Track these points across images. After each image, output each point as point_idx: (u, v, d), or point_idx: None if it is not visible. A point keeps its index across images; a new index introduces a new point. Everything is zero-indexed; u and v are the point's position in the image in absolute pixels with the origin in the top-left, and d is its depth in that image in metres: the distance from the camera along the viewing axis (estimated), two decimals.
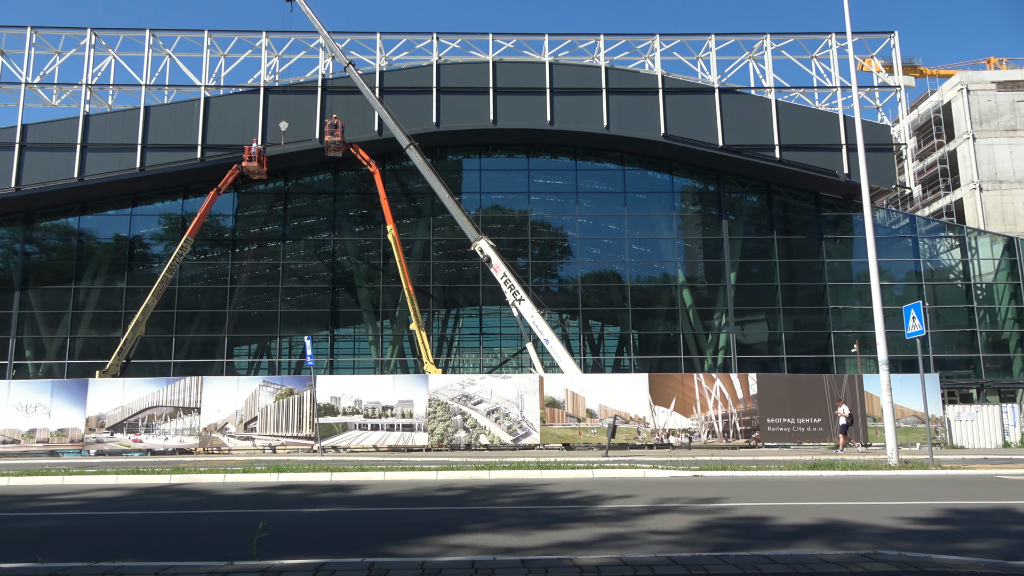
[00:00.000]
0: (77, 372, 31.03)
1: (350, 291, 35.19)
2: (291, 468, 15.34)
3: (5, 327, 32.42)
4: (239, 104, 33.08)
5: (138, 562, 6.16)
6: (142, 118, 31.95)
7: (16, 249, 33.68)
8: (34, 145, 31.62)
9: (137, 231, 34.29)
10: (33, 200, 32.28)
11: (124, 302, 32.67)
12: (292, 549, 7.12)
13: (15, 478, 14.64)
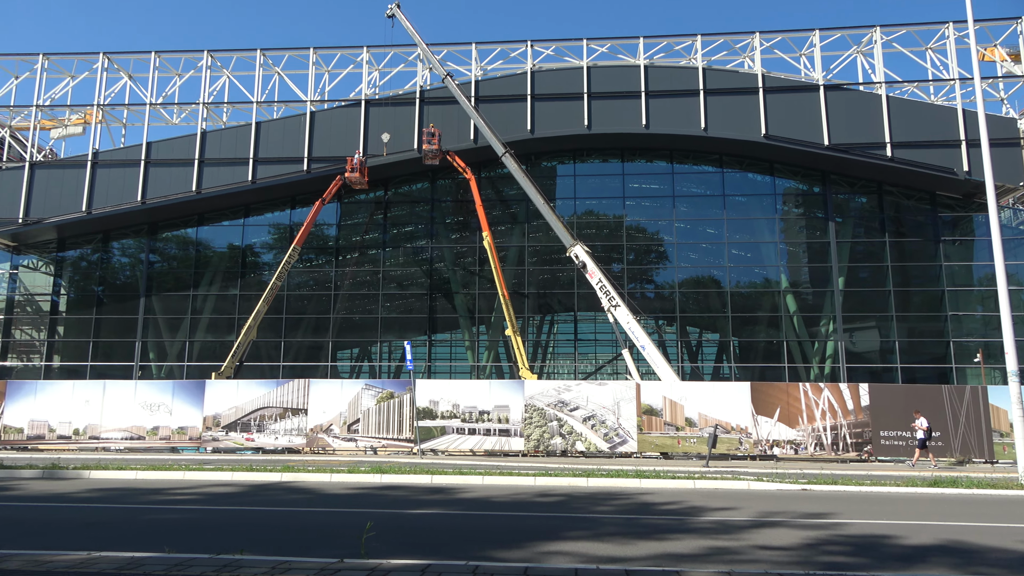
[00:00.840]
0: (195, 373, 32.99)
1: (447, 297, 35.84)
2: (392, 470, 15.73)
3: (132, 331, 34.89)
4: (342, 117, 34.36)
5: (254, 555, 6.47)
6: (253, 133, 33.71)
7: (141, 258, 36.19)
8: (157, 161, 33.92)
9: (249, 240, 36.17)
10: (157, 212, 34.60)
11: (237, 307, 34.50)
12: (397, 549, 7.29)
13: (142, 472, 15.69)
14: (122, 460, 19.71)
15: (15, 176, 34.04)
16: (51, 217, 33.55)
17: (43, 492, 12.77)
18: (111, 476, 15.56)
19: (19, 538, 7.83)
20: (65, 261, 36.64)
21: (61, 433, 25.33)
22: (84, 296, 36.49)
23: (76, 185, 33.70)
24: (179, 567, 5.70)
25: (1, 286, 36.19)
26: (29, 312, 36.64)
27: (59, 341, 36.22)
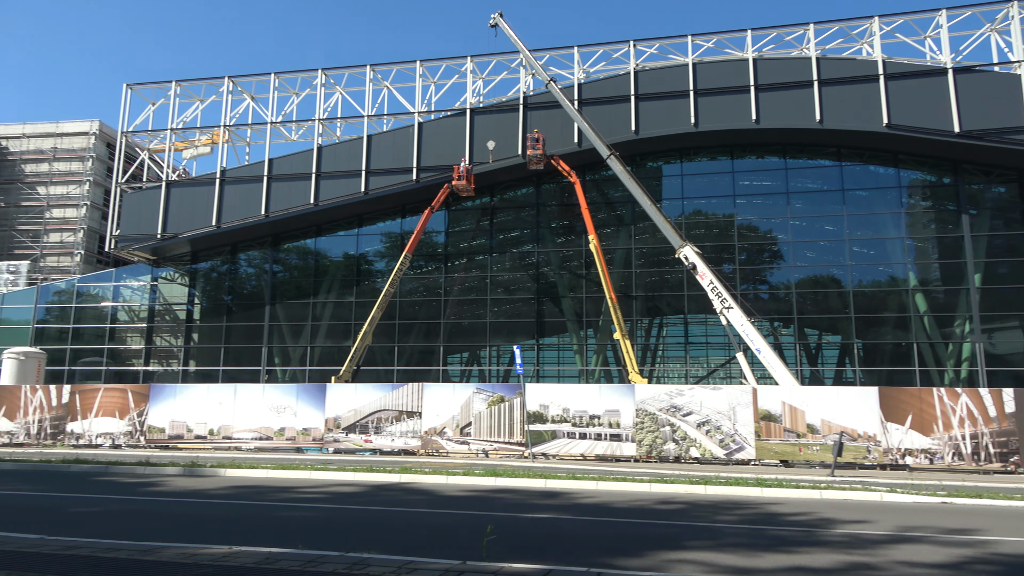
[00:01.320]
0: (316, 377, 34.57)
1: (554, 301, 35.89)
2: (506, 473, 15.87)
3: (259, 337, 37.00)
4: (448, 126, 35.15)
5: (381, 555, 6.67)
6: (365, 146, 35.03)
7: (266, 268, 38.33)
8: (278, 176, 35.85)
9: (363, 249, 37.60)
10: (278, 225, 36.56)
11: (353, 314, 35.91)
12: (516, 553, 7.32)
13: (272, 471, 16.56)
14: (253, 459, 20.88)
15: (154, 195, 36.87)
16: (185, 232, 36.08)
17: (185, 488, 13.71)
18: (244, 474, 16.52)
19: (169, 531, 8.42)
20: (198, 272, 39.30)
21: (198, 433, 27.16)
22: (215, 305, 39.02)
23: (207, 201, 36.11)
24: (312, 563, 5.95)
25: (144, 297, 39.27)
26: (168, 320, 39.56)
27: (194, 347, 38.88)
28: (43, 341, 38.38)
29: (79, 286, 40.20)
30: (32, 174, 53.63)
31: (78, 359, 38.48)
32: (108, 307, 39.32)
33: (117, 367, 38.46)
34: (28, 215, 52.85)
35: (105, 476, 15.96)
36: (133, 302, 39.39)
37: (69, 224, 52.29)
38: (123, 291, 39.48)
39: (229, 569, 5.57)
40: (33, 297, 39.68)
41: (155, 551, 6.32)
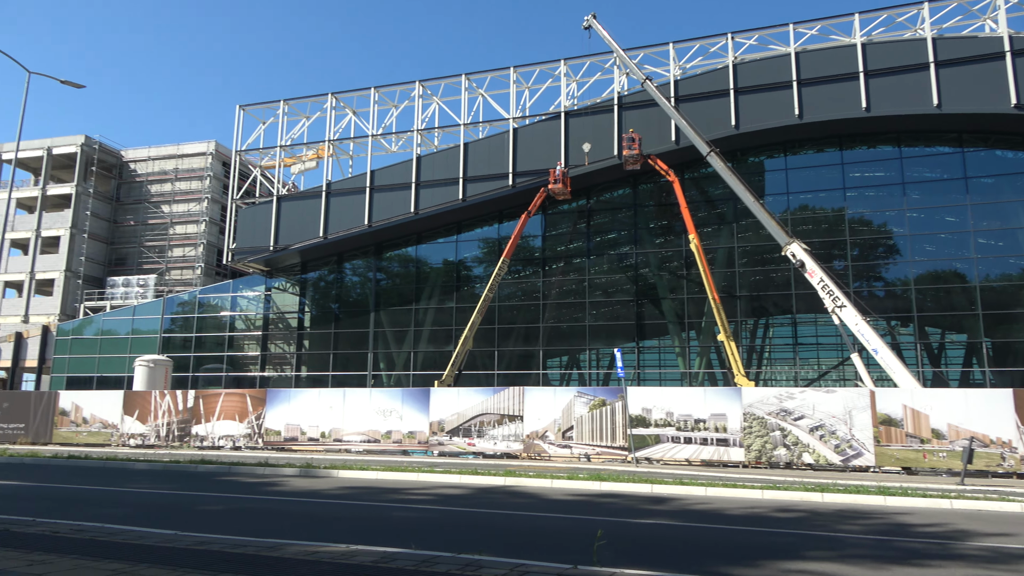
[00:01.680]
0: (420, 381, 35.41)
1: (654, 303, 35.30)
2: (611, 478, 15.69)
3: (364, 343, 38.28)
4: (543, 131, 35.26)
5: (492, 556, 6.71)
6: (462, 154, 35.65)
7: (370, 276, 39.64)
8: (380, 187, 37.01)
9: (461, 255, 38.25)
10: (381, 234, 37.74)
11: (454, 319, 36.56)
12: (627, 559, 7.21)
13: (381, 473, 17.06)
14: (363, 461, 21.58)
15: (266, 210, 38.85)
16: (295, 243, 37.81)
17: (302, 488, 14.32)
18: (356, 475, 17.09)
19: (290, 529, 8.80)
20: (308, 282, 41.08)
21: (311, 436, 28.34)
22: (324, 313, 40.67)
23: (314, 213, 37.71)
24: (426, 563, 6.06)
25: (259, 306, 41.42)
26: (281, 328, 41.55)
27: (305, 353, 40.66)
28: (169, 349, 41.11)
29: (200, 297, 42.85)
30: (157, 194, 57.65)
31: (201, 366, 41.00)
32: (227, 316, 41.70)
33: (236, 373, 40.70)
34: (154, 232, 56.81)
35: (228, 476, 16.88)
36: (249, 311, 41.60)
37: (190, 239, 55.83)
38: (240, 301, 41.76)
39: (349, 567, 5.75)
40: (160, 308, 42.60)
41: (279, 548, 6.62)
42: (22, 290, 53.89)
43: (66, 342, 43.76)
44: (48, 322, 48.79)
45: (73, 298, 52.84)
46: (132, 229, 57.56)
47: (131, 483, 14.86)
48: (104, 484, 14.52)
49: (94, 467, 19.32)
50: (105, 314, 45.50)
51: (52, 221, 54.66)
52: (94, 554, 6.00)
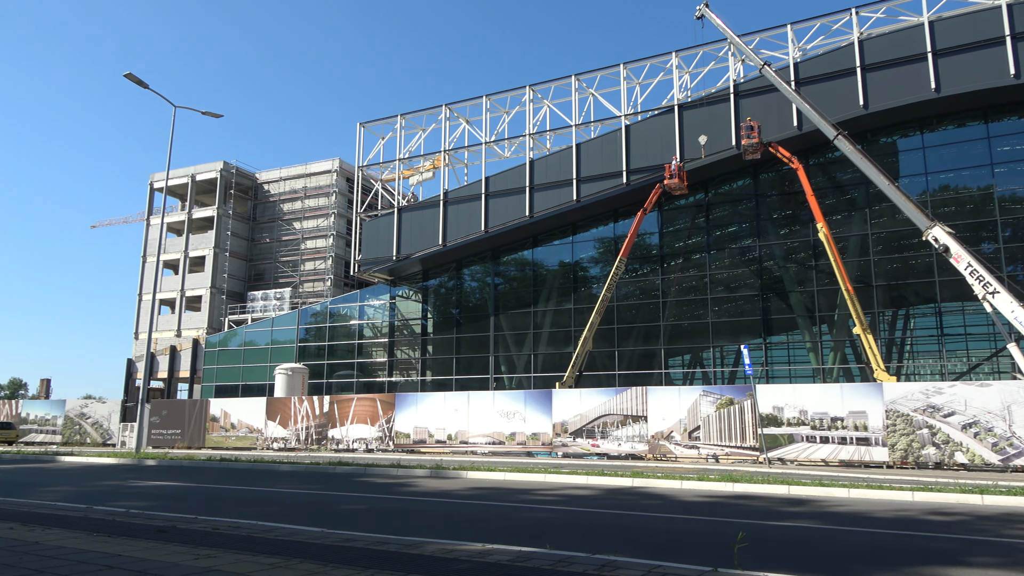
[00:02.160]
0: (540, 383, 35.63)
1: (780, 297, 33.84)
2: (744, 478, 15.16)
3: (485, 347, 38.99)
4: (656, 126, 34.64)
5: (627, 557, 6.64)
6: (575, 155, 35.62)
7: (488, 282, 40.35)
8: (495, 193, 37.61)
9: (577, 256, 38.20)
10: (497, 239, 38.33)
11: (572, 320, 36.56)
12: (767, 561, 6.93)
13: (508, 474, 17.30)
14: (490, 463, 21.96)
15: (388, 221, 40.38)
16: (416, 252, 39.07)
17: (434, 489, 14.75)
18: (484, 476, 17.42)
19: (426, 528, 9.08)
20: (429, 289, 42.35)
21: (438, 438, 29.16)
22: (445, 319, 41.77)
23: (433, 223, 38.83)
24: (562, 563, 6.07)
25: (384, 314, 43.10)
26: (406, 334, 43.04)
27: (429, 358, 41.90)
28: (305, 357, 43.50)
29: (331, 307, 45.09)
30: (288, 212, 61.22)
31: (333, 372, 43.13)
32: (355, 325, 43.65)
33: (365, 378, 42.52)
34: (287, 248, 60.36)
35: (364, 477, 17.65)
36: (376, 319, 43.36)
37: (320, 253, 58.88)
38: (367, 310, 43.61)
39: (485, 565, 5.86)
40: (295, 320, 45.17)
41: (418, 546, 6.84)
42: (174, 307, 58.71)
43: (213, 353, 47.25)
44: (197, 335, 52.90)
45: (218, 312, 57.00)
46: (267, 246, 61.40)
47: (278, 483, 15.83)
48: (254, 484, 15.55)
49: (244, 469, 20.74)
50: (247, 327, 48.79)
51: (197, 242, 59.22)
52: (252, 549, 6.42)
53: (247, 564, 5.65)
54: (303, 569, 5.49)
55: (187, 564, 5.59)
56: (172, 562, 5.68)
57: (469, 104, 40.19)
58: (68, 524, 7.95)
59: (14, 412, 42.06)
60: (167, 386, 52.17)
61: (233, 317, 55.51)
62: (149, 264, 58.85)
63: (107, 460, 24.37)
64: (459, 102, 40.26)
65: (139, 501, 11.97)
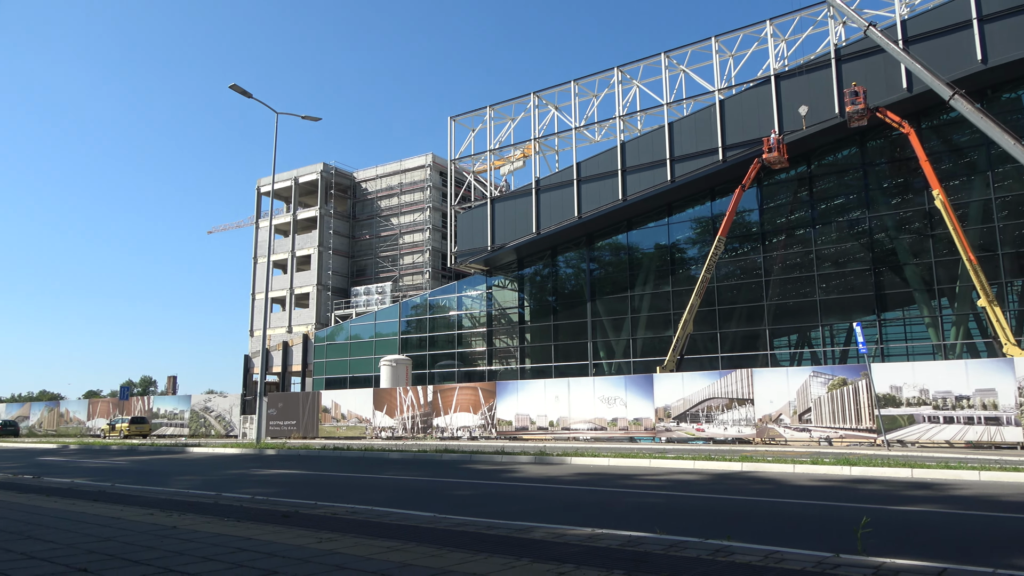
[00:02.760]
0: (640, 368, 35.23)
1: (894, 270, 32.02)
2: (861, 462, 14.49)
3: (582, 333, 38.88)
4: (752, 99, 33.38)
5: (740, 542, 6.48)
6: (667, 134, 34.84)
7: (583, 268, 40.17)
8: (586, 178, 37.33)
9: (674, 238, 37.43)
10: (591, 224, 38.06)
11: (671, 303, 35.90)
12: (893, 547, 6.59)
13: (612, 460, 17.22)
14: (592, 448, 21.95)
15: (482, 213, 40.84)
16: (511, 242, 39.35)
17: (538, 475, 14.87)
18: (587, 462, 17.42)
19: (533, 512, 9.18)
20: (524, 278, 42.60)
21: (539, 425, 29.38)
22: (541, 306, 41.92)
23: (526, 211, 38.97)
24: (674, 548, 5.99)
25: (481, 304, 43.71)
26: (503, 323, 43.51)
27: (527, 346, 42.20)
28: (407, 349, 44.74)
29: (430, 300, 46.14)
30: (386, 208, 62.97)
31: (435, 363, 44.16)
32: (454, 315, 44.49)
33: (466, 368, 43.30)
34: (386, 243, 62.13)
35: (470, 464, 18.01)
36: (473, 309, 44.04)
37: (417, 247, 60.31)
38: (465, 301, 44.35)
39: (597, 549, 5.86)
40: (396, 313, 46.50)
41: (528, 531, 6.92)
42: (284, 304, 61.66)
43: (322, 347, 49.34)
44: (307, 331, 55.37)
45: (325, 308, 59.42)
46: (368, 242, 63.40)
47: (388, 471, 16.39)
48: (365, 472, 16.16)
49: (355, 457, 21.59)
50: (351, 321, 50.66)
51: (303, 242, 61.86)
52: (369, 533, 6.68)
53: (366, 547, 5.88)
54: (419, 552, 5.66)
55: (311, 547, 5.88)
56: (298, 544, 5.99)
57: (557, 90, 40.01)
58: (201, 510, 8.52)
59: (146, 407, 45.43)
60: (281, 380, 54.94)
61: (339, 312, 57.76)
62: (260, 265, 62.04)
63: (230, 450, 25.93)
64: (547, 89, 40.15)
65: (262, 488, 12.67)
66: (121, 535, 6.61)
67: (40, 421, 51.94)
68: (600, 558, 5.49)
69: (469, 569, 5.01)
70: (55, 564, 5.20)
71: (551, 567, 5.09)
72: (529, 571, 4.96)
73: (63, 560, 5.36)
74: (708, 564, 5.35)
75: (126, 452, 27.39)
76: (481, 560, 5.32)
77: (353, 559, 5.37)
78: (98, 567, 5.08)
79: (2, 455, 27.24)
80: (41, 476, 15.16)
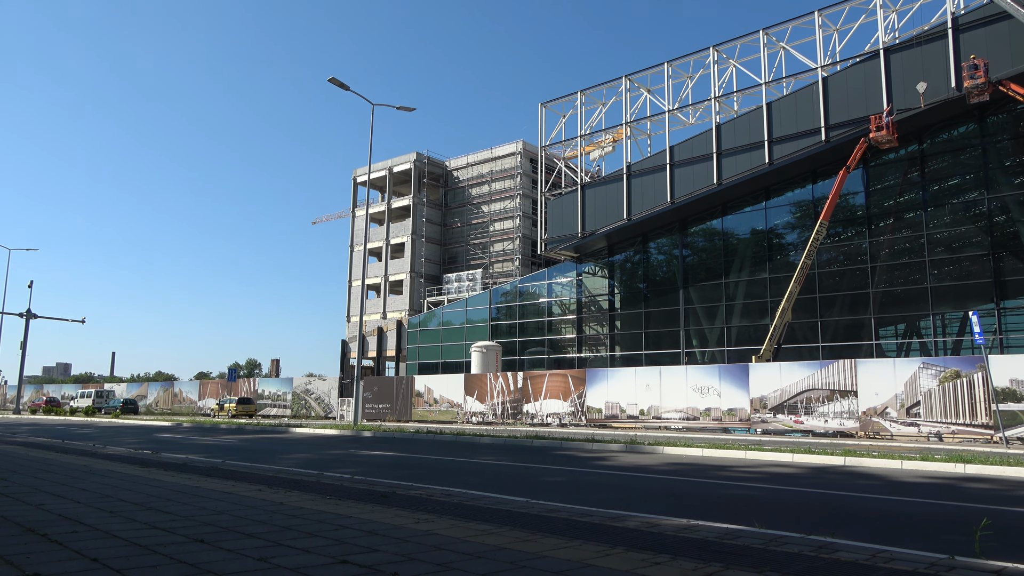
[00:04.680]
0: (734, 357, 34.29)
1: (1016, 255, 29.79)
2: (977, 459, 13.62)
3: (675, 321, 38.17)
4: (858, 75, 31.68)
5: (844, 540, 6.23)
6: (765, 115, 33.56)
7: (675, 254, 39.37)
8: (680, 162, 36.49)
9: (771, 223, 36.11)
10: (684, 210, 37.22)
11: (768, 291, 34.71)
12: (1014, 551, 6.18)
13: (705, 450, 16.88)
14: (685, 438, 21.59)
15: (572, 199, 40.65)
16: (601, 228, 39.01)
17: (630, 464, 14.76)
18: (680, 452, 17.14)
19: (626, 501, 9.12)
20: (615, 264, 42.17)
21: (630, 413, 29.10)
22: (632, 293, 41.41)
23: (617, 197, 38.51)
24: (774, 543, 5.82)
25: (571, 291, 43.61)
26: (593, 311, 43.28)
27: (618, 334, 41.82)
28: (497, 335, 45.20)
29: (520, 287, 46.39)
30: (477, 196, 63.64)
31: (524, 349, 44.43)
32: (544, 302, 44.59)
33: (555, 355, 43.36)
34: (477, 231, 62.85)
35: (561, 451, 18.06)
36: (563, 296, 44.01)
37: (507, 234, 60.71)
38: (554, 288, 44.36)
39: (694, 541, 5.76)
40: (487, 299, 47.02)
41: (621, 519, 6.88)
42: (379, 291, 63.49)
43: (415, 333, 50.54)
44: (400, 317, 56.84)
45: (418, 295, 60.80)
46: (459, 230, 64.33)
47: (480, 455, 16.66)
48: (458, 455, 16.48)
49: (447, 441, 22.04)
50: (443, 307, 51.61)
51: (396, 231, 63.42)
52: (464, 516, 6.81)
53: (461, 529, 6.00)
54: (512, 536, 5.72)
55: (409, 527, 6.05)
56: (396, 524, 6.18)
57: (650, 73, 39.22)
58: (304, 488, 8.91)
59: (252, 389, 47.89)
60: (376, 364, 56.71)
61: (431, 299, 58.96)
62: (356, 253, 64.07)
63: (330, 431, 27.00)
64: (639, 72, 39.41)
65: (361, 468, 13.14)
66: (233, 509, 7.01)
67: (156, 400, 55.68)
68: (696, 549, 5.39)
69: (564, 555, 5.02)
70: (174, 535, 5.57)
71: (647, 556, 5.04)
72: (624, 559, 4.93)
73: (182, 531, 5.73)
74: (810, 560, 5.17)
75: (234, 431, 28.97)
76: (576, 546, 5.33)
77: (449, 540, 5.49)
78: (213, 539, 5.41)
79: (124, 431, 29.38)
80: (159, 452, 16.26)
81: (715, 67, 36.21)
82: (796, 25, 34.34)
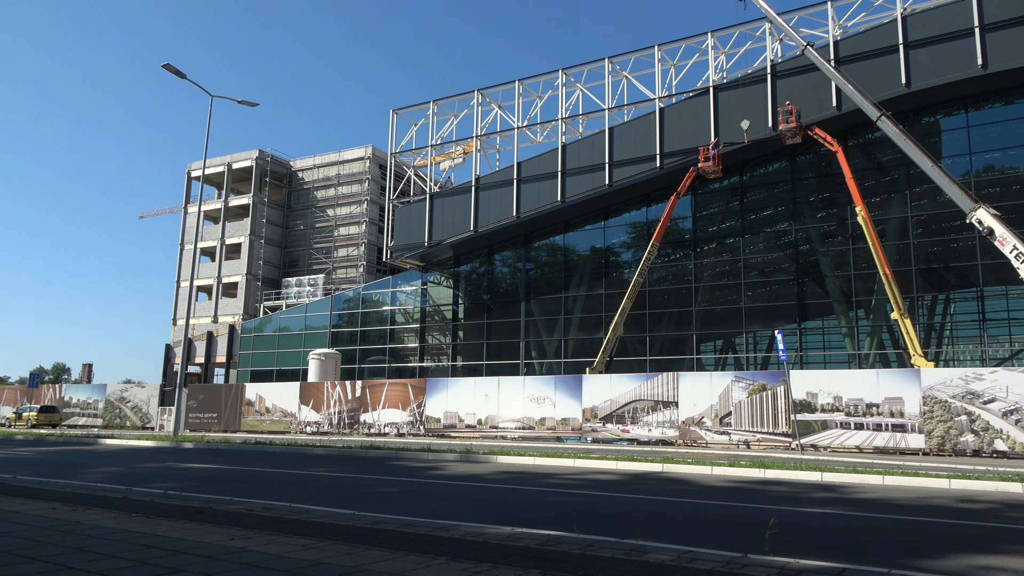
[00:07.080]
0: (571, 369, 35.61)
1: (816, 281, 33.29)
2: (775, 465, 15.02)
3: (516, 332, 39.04)
4: (690, 108, 34.17)
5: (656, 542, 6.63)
6: (607, 139, 35.31)
7: (519, 267, 40.34)
8: (527, 178, 37.49)
9: (609, 241, 37.97)
10: (529, 224, 38.25)
11: (603, 306, 36.41)
12: (798, 548, 6.86)
13: (537, 459, 17.36)
14: (519, 447, 22.08)
15: (420, 208, 40.54)
16: (448, 238, 39.19)
17: (464, 473, 14.87)
18: (513, 461, 17.51)
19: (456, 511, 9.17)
20: (460, 275, 42.49)
21: (468, 423, 29.36)
22: (476, 304, 41.90)
23: (465, 208, 38.87)
24: (591, 547, 6.09)
25: (416, 300, 43.39)
26: (437, 320, 43.31)
27: (460, 344, 42.12)
28: (337, 343, 44.02)
29: (363, 294, 45.52)
30: (322, 199, 61.79)
31: (365, 358, 43.58)
32: (387, 310, 44.02)
33: (397, 364, 42.91)
34: (321, 235, 60.98)
35: (396, 461, 17.86)
36: (407, 305, 43.68)
37: (352, 240, 59.39)
38: (399, 296, 43.95)
39: (515, 548, 5.89)
40: (328, 306, 45.71)
41: (448, 529, 6.91)
42: (211, 293, 59.81)
43: (249, 339, 48.07)
44: (233, 321, 53.85)
45: (254, 299, 57.91)
46: (302, 233, 62.08)
47: (311, 467, 16.10)
48: (287, 467, 15.84)
49: (278, 452, 21.13)
50: (281, 313, 49.51)
51: (233, 230, 60.12)
52: (285, 530, 6.55)
53: (280, 545, 5.77)
54: (334, 550, 5.58)
55: (222, 544, 5.72)
56: (207, 542, 5.82)
57: (502, 89, 40.04)
58: (108, 505, 8.19)
59: (58, 396, 43.37)
60: (204, 371, 53.25)
61: (268, 303, 56.38)
62: (187, 252, 60.02)
63: (146, 443, 25.01)
64: (491, 87, 40.15)
65: (177, 483, 12.27)
66: (18, 530, 6.30)
67: None
68: (518, 557, 5.52)
69: (384, 568, 4.96)
70: None
71: (468, 566, 5.09)
72: (445, 570, 4.95)
73: None
74: (623, 563, 5.45)
75: (32, 442, 26.10)
76: (398, 559, 5.29)
77: (265, 557, 5.25)
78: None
79: None
80: None
81: (563, 89, 37.63)
82: (638, 56, 36.50)
